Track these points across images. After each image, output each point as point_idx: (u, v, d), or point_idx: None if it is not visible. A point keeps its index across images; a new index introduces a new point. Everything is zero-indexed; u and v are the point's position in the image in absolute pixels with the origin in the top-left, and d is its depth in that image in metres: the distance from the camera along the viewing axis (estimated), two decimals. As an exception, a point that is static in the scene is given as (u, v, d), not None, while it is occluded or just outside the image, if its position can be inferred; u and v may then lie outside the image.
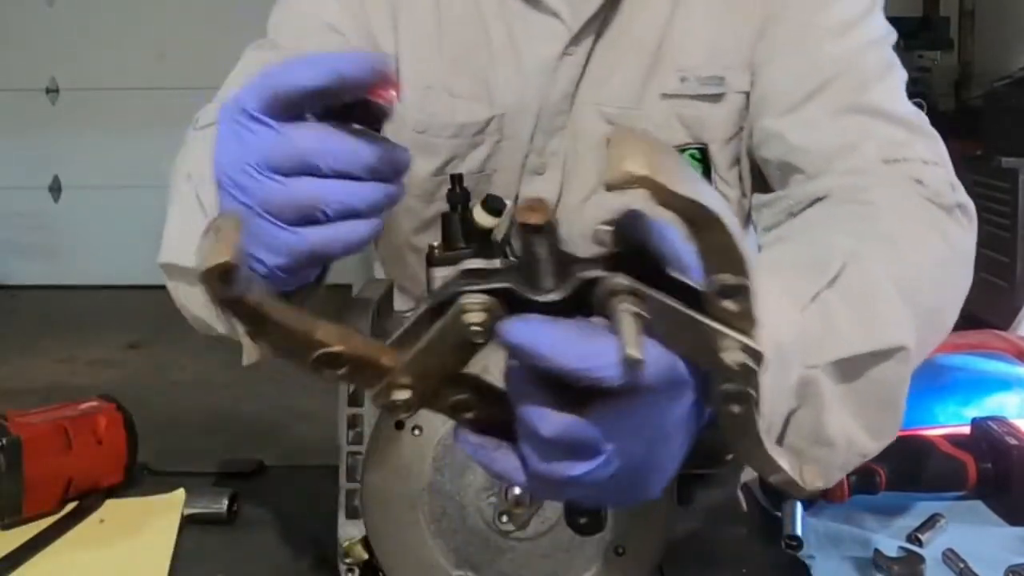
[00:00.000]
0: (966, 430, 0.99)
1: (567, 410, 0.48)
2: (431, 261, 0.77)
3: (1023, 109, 3.48)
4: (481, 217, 0.77)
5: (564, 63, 0.98)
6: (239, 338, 0.67)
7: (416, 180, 1.00)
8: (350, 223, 0.59)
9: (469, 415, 0.51)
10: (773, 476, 0.52)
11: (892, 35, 0.97)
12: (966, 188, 0.89)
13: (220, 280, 0.46)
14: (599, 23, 0.98)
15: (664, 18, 0.98)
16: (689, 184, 0.42)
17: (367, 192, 0.59)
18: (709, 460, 0.84)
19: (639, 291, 0.46)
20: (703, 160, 1.00)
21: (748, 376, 0.47)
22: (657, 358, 0.47)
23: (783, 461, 0.52)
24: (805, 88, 0.93)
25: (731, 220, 0.44)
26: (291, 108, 0.57)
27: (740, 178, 1.02)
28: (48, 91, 5.14)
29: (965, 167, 0.92)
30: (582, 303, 0.47)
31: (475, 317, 0.47)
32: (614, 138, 0.43)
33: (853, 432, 0.64)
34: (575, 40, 0.97)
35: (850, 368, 0.63)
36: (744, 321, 0.46)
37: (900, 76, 0.95)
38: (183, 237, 0.75)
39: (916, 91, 2.55)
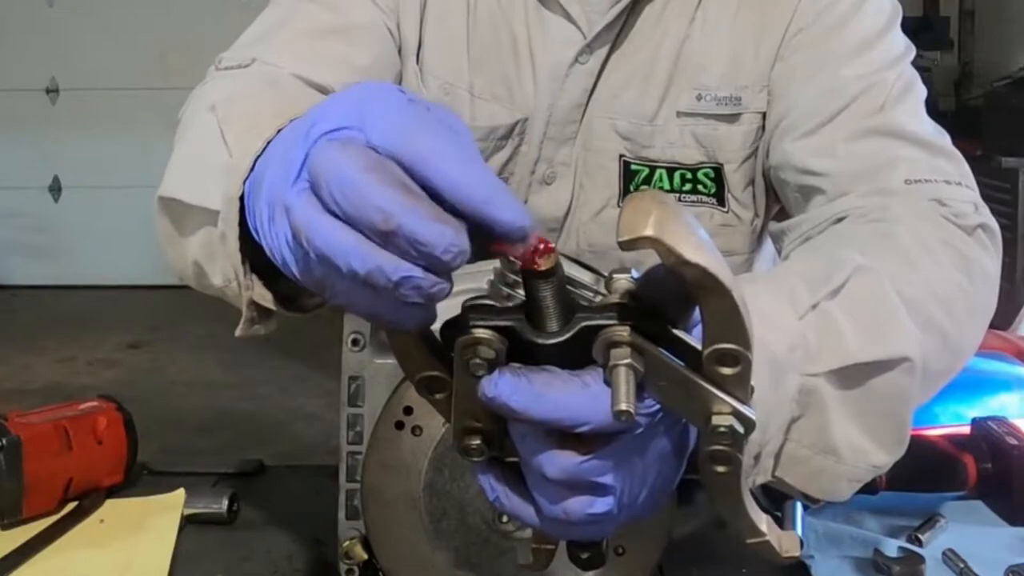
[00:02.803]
0: (966, 430, 0.99)
1: (570, 450, 0.49)
2: None
3: (1023, 109, 3.48)
4: None
5: (576, 71, 0.97)
6: (233, 292, 0.64)
7: None
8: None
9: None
10: (750, 539, 0.53)
11: (911, 52, 0.95)
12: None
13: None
14: (615, 34, 0.97)
15: (681, 34, 0.97)
16: (699, 250, 0.43)
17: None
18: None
19: (639, 344, 0.46)
20: (717, 180, 0.99)
21: (736, 439, 0.48)
22: (648, 403, 0.48)
23: (763, 524, 0.52)
24: (824, 111, 0.91)
25: (738, 291, 0.44)
26: None
27: (754, 198, 1.01)
28: (48, 91, 5.14)
29: (965, 167, 0.92)
30: (584, 346, 0.48)
31: (478, 351, 0.48)
32: (629, 198, 0.44)
33: (858, 441, 0.63)
34: (588, 48, 0.96)
35: (851, 377, 0.63)
36: (738, 387, 0.47)
37: (919, 94, 0.94)
38: (190, 172, 0.72)
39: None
